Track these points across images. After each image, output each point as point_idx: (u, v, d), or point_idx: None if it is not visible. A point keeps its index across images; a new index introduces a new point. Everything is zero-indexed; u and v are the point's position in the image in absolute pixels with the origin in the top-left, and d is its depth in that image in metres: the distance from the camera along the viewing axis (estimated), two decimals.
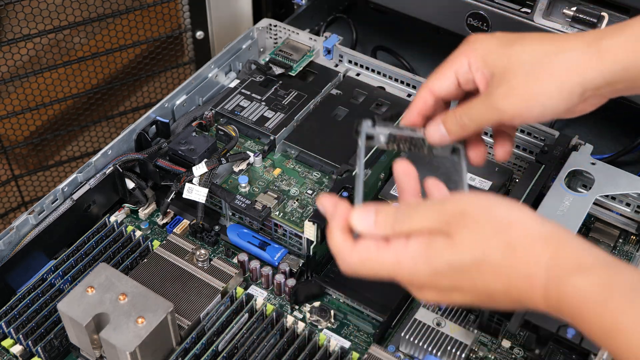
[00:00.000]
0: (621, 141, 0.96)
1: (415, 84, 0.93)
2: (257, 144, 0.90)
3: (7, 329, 0.71)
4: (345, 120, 0.90)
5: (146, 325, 0.64)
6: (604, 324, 0.48)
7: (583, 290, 0.48)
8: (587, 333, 0.50)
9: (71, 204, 0.79)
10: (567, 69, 0.57)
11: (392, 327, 0.76)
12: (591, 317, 0.48)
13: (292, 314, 0.76)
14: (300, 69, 0.96)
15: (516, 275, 0.51)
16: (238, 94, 0.94)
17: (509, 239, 0.51)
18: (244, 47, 0.99)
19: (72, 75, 1.11)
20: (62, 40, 1.09)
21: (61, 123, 1.18)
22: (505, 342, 0.74)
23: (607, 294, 0.48)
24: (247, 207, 0.79)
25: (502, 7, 0.90)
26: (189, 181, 0.81)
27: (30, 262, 0.77)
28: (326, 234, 0.57)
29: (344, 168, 0.81)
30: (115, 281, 0.66)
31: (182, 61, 1.20)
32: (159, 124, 0.88)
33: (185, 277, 0.75)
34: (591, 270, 0.49)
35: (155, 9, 1.11)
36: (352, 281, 0.77)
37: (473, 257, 0.51)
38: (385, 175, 0.88)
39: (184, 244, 0.78)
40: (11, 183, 1.18)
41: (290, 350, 0.70)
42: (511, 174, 0.87)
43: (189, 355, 0.68)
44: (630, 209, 0.82)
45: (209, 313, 0.73)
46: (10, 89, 1.08)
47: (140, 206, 0.85)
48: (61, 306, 0.65)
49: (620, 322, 0.47)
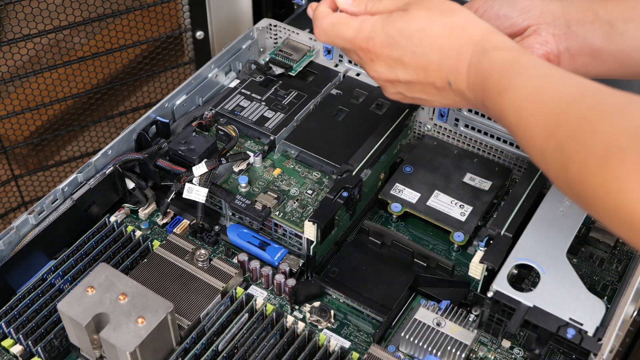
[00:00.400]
0: None
1: None
2: (257, 144, 0.90)
3: (7, 329, 0.71)
4: (345, 120, 0.90)
5: (146, 325, 0.64)
6: (506, 85, 0.60)
7: (499, 60, 0.61)
8: (493, 103, 0.61)
9: (71, 204, 0.79)
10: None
11: (392, 327, 0.76)
12: (501, 83, 0.60)
13: (292, 314, 0.76)
14: (300, 69, 0.96)
15: (449, 47, 0.63)
16: (238, 94, 0.94)
17: (451, 21, 0.64)
18: (244, 47, 0.99)
19: (72, 75, 1.11)
20: (62, 40, 1.09)
21: (61, 123, 1.18)
22: (505, 342, 0.74)
23: (517, 65, 0.60)
24: (247, 207, 0.79)
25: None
26: (189, 181, 0.81)
27: (30, 262, 0.77)
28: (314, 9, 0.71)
29: (344, 168, 0.81)
30: (115, 281, 0.66)
31: (182, 61, 1.20)
32: (159, 124, 0.88)
33: (185, 277, 0.75)
34: (508, 50, 0.62)
35: (155, 9, 1.11)
36: (352, 281, 0.78)
37: (418, 26, 0.64)
38: (386, 175, 0.88)
39: (184, 244, 0.78)
40: (11, 183, 1.18)
41: (290, 350, 0.70)
42: (511, 174, 0.87)
43: (189, 355, 0.68)
44: None
45: (209, 313, 0.73)
46: (10, 89, 1.09)
47: (140, 206, 0.85)
48: (61, 306, 0.65)
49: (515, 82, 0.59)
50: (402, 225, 0.86)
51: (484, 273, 0.72)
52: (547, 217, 0.74)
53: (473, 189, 0.85)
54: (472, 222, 0.82)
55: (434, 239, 0.84)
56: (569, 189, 0.55)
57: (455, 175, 0.87)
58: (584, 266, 0.81)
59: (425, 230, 0.85)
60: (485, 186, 0.85)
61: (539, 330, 0.68)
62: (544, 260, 0.70)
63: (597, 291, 0.79)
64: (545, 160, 0.57)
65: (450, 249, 0.83)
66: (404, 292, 0.77)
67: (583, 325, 0.65)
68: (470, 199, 0.84)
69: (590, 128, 0.53)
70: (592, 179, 0.52)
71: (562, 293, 0.67)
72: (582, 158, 0.52)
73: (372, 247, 0.82)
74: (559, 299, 0.67)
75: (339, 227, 0.80)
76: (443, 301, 0.75)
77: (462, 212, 0.83)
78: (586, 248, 0.83)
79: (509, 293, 0.67)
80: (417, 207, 0.83)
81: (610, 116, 0.53)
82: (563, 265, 0.69)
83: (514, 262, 0.70)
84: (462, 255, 0.83)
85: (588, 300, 0.67)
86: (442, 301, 0.75)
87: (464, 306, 0.76)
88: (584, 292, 0.67)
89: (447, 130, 0.91)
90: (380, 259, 0.80)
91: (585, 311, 0.66)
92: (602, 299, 0.74)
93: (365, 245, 0.82)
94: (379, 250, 0.81)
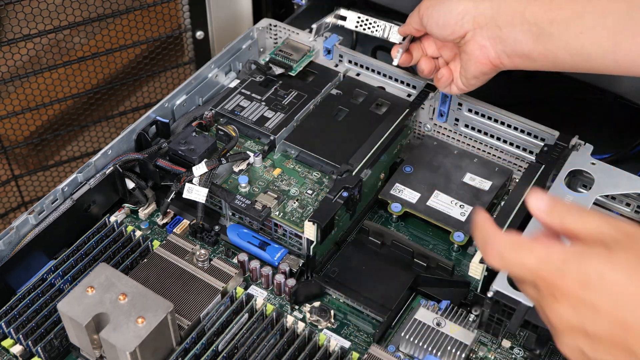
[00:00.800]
0: (621, 141, 0.96)
1: (415, 84, 0.93)
2: (257, 144, 0.90)
3: (7, 329, 0.71)
4: (345, 120, 0.90)
5: (146, 325, 0.64)
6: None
7: None
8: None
9: (71, 204, 0.79)
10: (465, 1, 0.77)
11: (392, 327, 0.76)
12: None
13: (292, 314, 0.76)
14: (300, 69, 0.96)
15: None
16: (238, 94, 0.94)
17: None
18: (244, 47, 0.99)
19: (72, 75, 1.11)
20: (62, 40, 1.09)
21: (61, 123, 1.18)
22: (505, 342, 0.74)
23: None
24: (247, 207, 0.79)
25: None
26: (189, 181, 0.81)
27: (30, 262, 0.77)
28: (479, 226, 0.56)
29: (344, 168, 0.81)
30: (115, 281, 0.66)
31: (182, 61, 1.20)
32: (159, 124, 0.88)
33: (185, 277, 0.75)
34: None
35: (155, 9, 1.11)
36: (352, 281, 0.78)
37: (627, 277, 0.48)
38: (386, 175, 0.88)
39: (184, 244, 0.78)
40: (11, 183, 1.18)
41: (290, 350, 0.70)
42: (511, 174, 0.87)
43: (189, 355, 0.68)
44: (630, 209, 0.82)
45: (209, 313, 0.73)
46: (10, 89, 1.08)
47: (140, 206, 0.85)
48: (61, 306, 0.65)
49: None
50: (402, 225, 0.86)
51: (484, 273, 0.72)
52: None
53: (473, 189, 0.85)
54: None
55: (434, 239, 0.84)
56: None
57: (455, 175, 0.87)
58: None
59: (425, 230, 0.85)
60: (485, 186, 0.85)
61: (539, 330, 0.68)
62: None
63: None
64: None
65: (450, 249, 0.83)
66: (404, 292, 0.77)
67: None
68: (470, 199, 0.84)
69: None
70: None
71: None
72: None
73: (372, 247, 0.82)
74: None
75: (339, 227, 0.80)
76: (443, 301, 0.75)
77: (462, 212, 0.83)
78: None
79: (509, 293, 0.67)
80: (417, 207, 0.83)
81: None
82: None
83: None
84: (462, 255, 0.83)
85: None
86: (442, 301, 0.75)
87: (464, 306, 0.76)
88: None
89: (447, 130, 0.91)
90: (380, 259, 0.80)
91: None
92: None
93: (365, 245, 0.82)
94: (379, 250, 0.81)
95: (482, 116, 0.88)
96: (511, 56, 0.75)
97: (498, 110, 0.86)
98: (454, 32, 0.77)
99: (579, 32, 0.70)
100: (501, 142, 0.88)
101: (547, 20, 0.71)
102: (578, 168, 0.79)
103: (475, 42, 0.76)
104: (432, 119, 0.91)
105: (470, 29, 0.76)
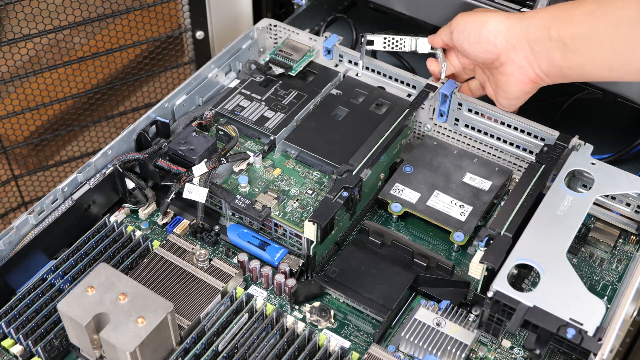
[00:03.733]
0: (621, 141, 0.96)
1: (415, 84, 0.93)
2: (257, 144, 0.90)
3: (7, 329, 0.71)
4: (345, 120, 0.90)
5: (146, 325, 0.64)
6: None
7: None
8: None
9: (71, 204, 0.79)
10: (497, 20, 0.79)
11: (392, 327, 0.76)
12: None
13: (292, 314, 0.76)
14: (300, 69, 0.96)
15: None
16: (238, 94, 0.94)
17: None
18: (244, 47, 0.99)
19: (72, 75, 1.11)
20: (62, 40, 1.09)
21: (61, 123, 1.18)
22: (505, 342, 0.74)
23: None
24: (247, 207, 0.79)
25: (502, 7, 0.90)
26: (189, 181, 0.81)
27: (30, 262, 0.77)
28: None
29: (344, 168, 0.81)
30: (115, 281, 0.66)
31: (182, 61, 1.20)
32: (159, 124, 0.88)
33: (185, 277, 0.75)
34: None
35: (155, 9, 1.11)
36: (352, 281, 0.78)
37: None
38: (386, 175, 0.88)
39: (184, 244, 0.78)
40: (11, 183, 1.18)
41: (290, 350, 0.70)
42: (511, 174, 0.87)
43: (189, 355, 0.68)
44: (630, 209, 0.82)
45: (209, 313, 0.73)
46: (10, 89, 1.09)
47: (140, 206, 0.85)
48: (61, 306, 0.65)
49: None
50: (402, 225, 0.86)
51: (484, 273, 0.72)
52: (547, 217, 0.74)
53: (473, 189, 0.85)
54: (472, 222, 0.82)
55: (434, 239, 0.84)
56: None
57: (455, 175, 0.87)
58: (584, 266, 0.81)
59: (425, 230, 0.85)
60: (485, 186, 0.85)
61: (539, 330, 0.67)
62: (543, 260, 0.70)
63: (597, 291, 0.79)
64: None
65: (450, 249, 0.83)
66: (404, 292, 0.77)
67: (583, 325, 0.65)
68: (470, 199, 0.84)
69: None
70: None
71: (562, 293, 0.67)
72: None
73: (372, 247, 0.81)
74: (559, 299, 0.67)
75: (339, 227, 0.80)
76: (443, 301, 0.75)
77: (462, 212, 0.83)
78: (586, 248, 0.83)
79: (509, 293, 0.67)
80: (417, 207, 0.83)
81: None
82: (563, 265, 0.69)
83: (514, 262, 0.70)
84: (462, 255, 0.83)
85: (588, 300, 0.67)
86: (442, 301, 0.75)
87: (464, 306, 0.76)
88: (584, 292, 0.67)
89: (447, 130, 0.91)
90: (380, 259, 0.80)
91: (585, 311, 0.66)
92: (602, 299, 0.74)
93: (365, 245, 0.82)
94: (379, 250, 0.81)
95: (482, 116, 0.88)
96: (548, 74, 0.77)
97: (498, 110, 0.86)
98: (486, 50, 0.79)
99: (598, 44, 0.72)
100: (501, 142, 0.88)
101: (570, 37, 0.73)
102: (578, 168, 0.79)
103: (513, 63, 0.78)
104: (432, 119, 0.91)
105: (503, 50, 0.77)
